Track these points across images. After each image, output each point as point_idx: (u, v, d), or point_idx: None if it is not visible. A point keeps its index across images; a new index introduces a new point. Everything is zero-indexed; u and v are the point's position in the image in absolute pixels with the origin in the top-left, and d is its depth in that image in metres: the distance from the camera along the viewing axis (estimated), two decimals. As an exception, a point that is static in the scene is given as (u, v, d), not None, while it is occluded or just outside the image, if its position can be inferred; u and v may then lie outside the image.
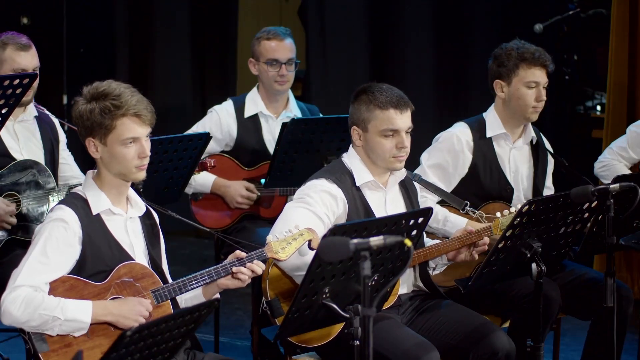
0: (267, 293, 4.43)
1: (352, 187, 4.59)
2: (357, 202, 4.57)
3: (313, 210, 4.46)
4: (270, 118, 6.06)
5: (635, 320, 6.03)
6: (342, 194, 4.54)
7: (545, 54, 5.22)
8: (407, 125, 4.57)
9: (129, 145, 4.02)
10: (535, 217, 4.43)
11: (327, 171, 4.63)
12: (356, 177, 4.60)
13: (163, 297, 4.04)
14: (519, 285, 4.91)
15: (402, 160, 4.59)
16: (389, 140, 4.55)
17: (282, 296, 4.43)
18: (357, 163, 4.63)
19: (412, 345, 4.34)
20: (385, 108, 4.54)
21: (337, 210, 4.53)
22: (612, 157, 5.85)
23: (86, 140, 4.06)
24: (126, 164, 4.03)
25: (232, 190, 5.93)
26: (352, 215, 4.55)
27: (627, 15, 7.13)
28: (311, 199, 4.49)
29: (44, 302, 3.87)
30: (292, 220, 4.39)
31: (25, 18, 8.33)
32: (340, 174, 4.59)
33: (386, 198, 4.67)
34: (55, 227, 3.97)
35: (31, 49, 5.32)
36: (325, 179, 4.56)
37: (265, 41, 6.00)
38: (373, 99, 4.55)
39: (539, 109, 5.25)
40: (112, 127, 4.00)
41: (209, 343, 6.19)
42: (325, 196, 4.51)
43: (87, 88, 4.07)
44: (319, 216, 4.46)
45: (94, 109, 4.01)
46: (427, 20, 8.36)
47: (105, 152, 4.04)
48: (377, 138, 4.56)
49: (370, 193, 4.63)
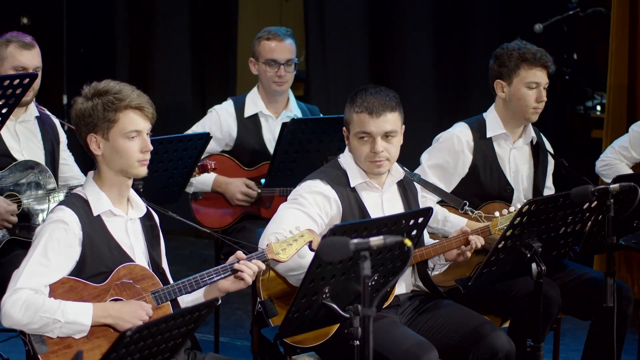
0: (261, 293, 4.43)
1: (347, 187, 4.59)
2: (352, 203, 4.57)
3: (306, 211, 4.47)
4: (270, 118, 6.06)
5: (635, 320, 6.03)
6: (336, 195, 4.54)
7: (546, 55, 5.23)
8: (381, 130, 4.53)
9: (131, 139, 4.03)
10: (535, 217, 4.43)
11: (323, 172, 4.64)
12: (350, 178, 4.61)
13: (163, 299, 4.04)
14: (519, 285, 4.91)
15: (379, 164, 4.55)
16: (364, 144, 4.55)
17: (274, 297, 4.44)
18: (351, 164, 4.63)
19: (412, 345, 4.34)
20: (359, 112, 4.54)
21: (331, 212, 4.53)
22: (614, 157, 5.85)
23: (88, 137, 4.05)
24: (128, 158, 4.03)
25: (232, 186, 5.93)
26: (346, 216, 4.55)
27: (627, 15, 7.13)
28: (304, 200, 4.49)
29: (45, 304, 3.87)
30: (284, 221, 4.40)
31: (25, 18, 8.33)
32: (336, 175, 4.60)
33: (382, 198, 4.67)
34: (56, 229, 3.97)
35: (34, 49, 5.32)
36: (320, 179, 4.56)
37: (265, 41, 6.00)
38: (353, 102, 4.58)
39: (540, 109, 5.25)
40: (115, 120, 4.00)
41: (209, 343, 6.19)
42: (318, 197, 4.51)
43: (86, 88, 4.08)
44: (312, 217, 4.47)
45: (96, 105, 4.01)
46: (427, 20, 8.36)
47: (108, 148, 4.03)
48: (354, 141, 4.58)
49: (366, 194, 4.63)
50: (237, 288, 4.13)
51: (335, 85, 8.45)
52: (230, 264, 4.11)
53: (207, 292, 4.16)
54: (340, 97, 8.41)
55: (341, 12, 8.43)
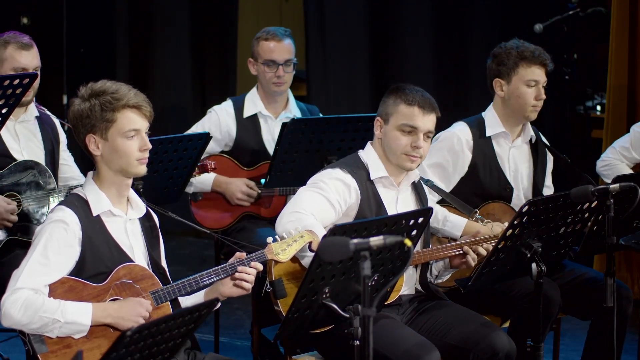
0: (272, 273, 4.40)
1: (366, 180, 4.61)
2: (370, 195, 4.58)
3: (326, 195, 4.48)
4: (270, 118, 6.06)
5: (635, 320, 6.03)
6: (356, 184, 4.56)
7: (544, 53, 5.24)
8: (427, 127, 4.59)
9: (130, 138, 4.03)
10: (535, 217, 4.43)
11: (343, 162, 4.66)
12: (371, 171, 4.62)
13: (162, 299, 4.04)
14: (519, 285, 4.91)
15: (414, 160, 4.59)
16: (405, 136, 4.57)
17: (286, 276, 4.39)
18: (374, 158, 4.65)
19: (413, 345, 4.34)
20: (410, 104, 4.58)
21: (350, 200, 4.54)
22: (615, 157, 5.85)
23: (86, 138, 4.05)
24: (128, 157, 4.03)
25: (232, 186, 5.93)
26: (363, 206, 4.55)
27: (627, 16, 7.13)
28: (325, 185, 4.51)
29: (44, 304, 3.87)
30: (304, 201, 4.40)
31: (25, 18, 8.33)
32: (355, 167, 4.62)
33: (398, 197, 4.68)
34: (56, 229, 3.97)
35: (32, 49, 5.31)
36: (340, 169, 4.59)
37: (264, 42, 5.99)
38: (402, 94, 4.61)
39: (539, 107, 5.26)
40: (113, 119, 4.00)
41: (209, 343, 6.19)
42: (338, 184, 4.53)
43: (82, 89, 4.08)
44: (331, 202, 4.48)
45: (94, 106, 4.01)
46: (426, 20, 8.36)
47: (107, 147, 4.03)
48: (394, 132, 4.58)
49: (384, 189, 4.64)
50: (238, 294, 4.13)
51: (335, 85, 8.45)
52: (230, 265, 4.11)
53: (207, 296, 4.16)
54: (340, 97, 8.42)
55: (341, 12, 8.43)
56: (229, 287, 4.13)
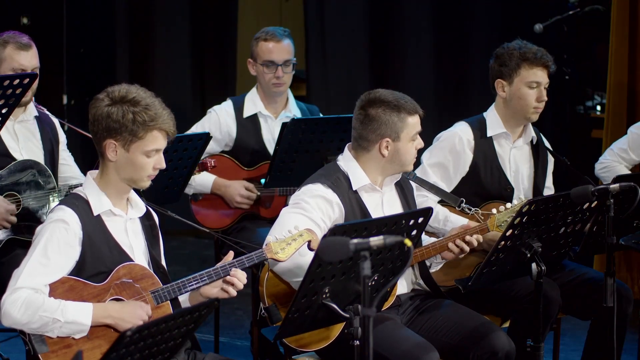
0: (265, 299, 4.43)
1: (348, 190, 4.58)
2: (354, 205, 4.56)
3: (309, 215, 4.46)
4: (270, 118, 6.06)
5: (635, 320, 6.03)
6: (338, 199, 4.53)
7: (547, 55, 5.23)
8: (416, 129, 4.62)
9: (150, 156, 4.03)
10: (535, 217, 4.43)
11: (323, 175, 4.62)
12: (352, 180, 4.60)
13: (163, 298, 4.04)
14: (519, 285, 4.91)
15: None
16: (413, 144, 4.62)
17: (279, 302, 4.43)
18: (354, 166, 4.62)
19: (412, 346, 4.34)
20: (414, 113, 4.60)
21: (333, 215, 4.53)
22: (613, 159, 5.85)
23: (106, 141, 4.02)
24: (141, 172, 4.04)
25: (231, 189, 5.92)
26: (349, 218, 4.54)
27: (627, 15, 7.13)
28: (307, 205, 4.49)
29: (45, 304, 3.87)
30: (288, 225, 4.39)
31: (25, 18, 8.33)
32: (336, 178, 4.59)
33: (383, 199, 4.67)
34: (56, 228, 3.97)
35: (31, 49, 5.31)
36: (321, 183, 4.55)
37: (263, 42, 5.98)
38: (400, 107, 4.59)
39: (540, 109, 5.25)
40: (141, 137, 4.00)
41: (209, 343, 6.19)
42: (320, 201, 4.51)
43: (112, 89, 4.03)
44: (315, 221, 4.46)
45: (126, 113, 3.98)
46: (427, 20, 8.36)
47: (124, 157, 4.02)
48: (407, 144, 4.59)
49: (367, 195, 4.63)
50: (222, 296, 4.11)
51: (335, 85, 8.45)
52: (229, 264, 4.11)
53: (192, 297, 4.16)
54: (340, 97, 8.41)
55: (341, 12, 8.43)
56: (212, 286, 4.11)
